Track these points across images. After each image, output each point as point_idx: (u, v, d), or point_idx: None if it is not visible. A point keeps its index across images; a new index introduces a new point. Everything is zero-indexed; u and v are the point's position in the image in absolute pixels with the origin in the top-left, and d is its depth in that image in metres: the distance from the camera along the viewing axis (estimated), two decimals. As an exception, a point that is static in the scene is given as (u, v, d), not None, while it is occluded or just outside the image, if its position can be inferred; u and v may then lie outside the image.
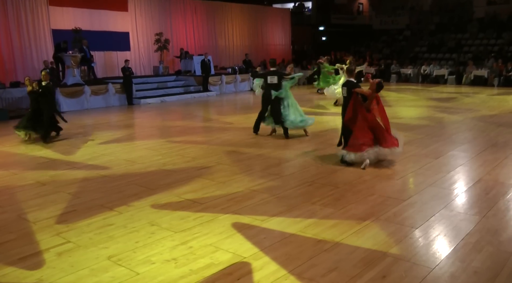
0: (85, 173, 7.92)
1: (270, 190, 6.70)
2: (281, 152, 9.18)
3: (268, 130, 10.95)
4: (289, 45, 30.99)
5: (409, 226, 5.30)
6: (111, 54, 21.01)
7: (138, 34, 21.73)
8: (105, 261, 4.55)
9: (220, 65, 24.79)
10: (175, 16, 23.34)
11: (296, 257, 4.54)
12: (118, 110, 16.69)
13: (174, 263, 4.46)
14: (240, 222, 5.52)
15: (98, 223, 5.58)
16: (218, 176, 7.55)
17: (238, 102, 19.25)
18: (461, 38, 29.08)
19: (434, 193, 6.46)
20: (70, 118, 14.52)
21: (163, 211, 5.93)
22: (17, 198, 6.62)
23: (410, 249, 4.71)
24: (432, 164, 8.04)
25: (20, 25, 17.58)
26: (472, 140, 10.14)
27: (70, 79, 16.89)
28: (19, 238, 5.18)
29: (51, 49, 18.26)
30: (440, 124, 12.27)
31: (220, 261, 4.48)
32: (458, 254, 4.58)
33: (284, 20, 30.39)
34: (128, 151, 9.67)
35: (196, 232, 5.21)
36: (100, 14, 20.14)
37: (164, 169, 8.08)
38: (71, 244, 4.97)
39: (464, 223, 5.37)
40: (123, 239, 5.07)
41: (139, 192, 6.77)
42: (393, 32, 32.90)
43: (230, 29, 26.47)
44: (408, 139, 10.18)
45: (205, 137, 11.09)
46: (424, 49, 29.66)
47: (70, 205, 6.24)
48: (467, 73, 24.12)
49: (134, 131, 12.63)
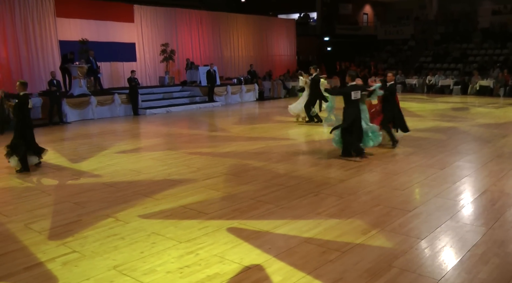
0: (90, 183, 7.95)
1: (275, 201, 6.70)
2: (286, 162, 9.18)
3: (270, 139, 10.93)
4: (294, 55, 31.08)
5: (415, 237, 5.28)
6: (117, 65, 21.14)
7: (144, 45, 21.88)
8: (110, 271, 4.55)
9: (225, 75, 24.88)
10: (181, 27, 23.49)
11: (301, 267, 4.53)
12: (124, 121, 16.75)
13: (180, 273, 4.46)
14: (246, 232, 5.51)
15: (103, 233, 5.59)
16: (224, 186, 7.56)
17: (243, 113, 19.30)
18: (466, 48, 29.09)
19: (440, 204, 6.44)
20: (75, 128, 14.63)
21: (168, 221, 5.94)
22: (23, 207, 6.65)
23: (416, 260, 4.69)
24: (437, 175, 8.02)
25: (27, 36, 17.75)
26: (478, 151, 10.11)
27: (76, 90, 16.99)
28: (25, 248, 5.19)
29: (58, 60, 18.41)
30: (446, 134, 12.25)
31: (225, 271, 4.48)
32: (464, 266, 4.56)
33: (289, 30, 30.52)
34: (133, 161, 9.70)
35: (202, 242, 5.21)
36: (106, 25, 20.30)
37: (170, 179, 8.10)
38: (76, 254, 4.98)
39: (470, 234, 5.35)
40: (128, 249, 5.07)
41: (145, 202, 6.78)
42: (398, 42, 32.95)
43: (235, 40, 26.59)
44: (414, 149, 10.18)
45: (210, 147, 11.11)
46: (429, 59, 29.67)
47: (75, 215, 6.26)
48: (473, 83, 24.11)
49: (139, 141, 12.67)
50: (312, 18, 36.79)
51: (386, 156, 9.50)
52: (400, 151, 9.97)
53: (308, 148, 10.52)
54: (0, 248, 5.19)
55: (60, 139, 12.88)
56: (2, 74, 17.15)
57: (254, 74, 24.59)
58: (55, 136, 13.25)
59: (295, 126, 14.22)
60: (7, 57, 17.23)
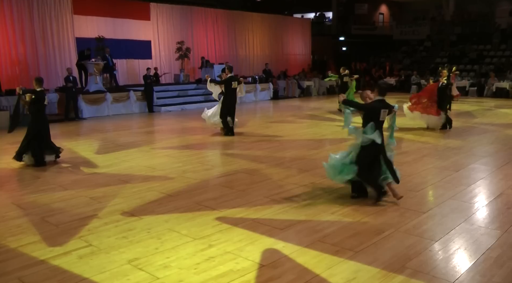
0: (106, 178, 8.03)
1: (289, 200, 6.71)
2: (301, 162, 9.19)
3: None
4: (309, 55, 31.03)
5: (429, 238, 5.27)
6: (133, 62, 21.29)
7: (159, 43, 22.00)
8: (125, 265, 4.61)
9: (240, 74, 24.88)
10: (197, 25, 23.58)
11: (314, 266, 4.55)
12: (139, 117, 16.89)
13: (194, 269, 4.51)
14: (259, 230, 5.54)
15: (118, 227, 5.66)
16: (238, 184, 7.59)
17: (258, 111, 19.34)
18: (483, 49, 28.83)
19: (454, 206, 6.42)
20: (91, 124, 14.77)
21: (182, 218, 5.99)
22: (40, 201, 6.74)
23: (430, 262, 4.69)
24: (452, 177, 7.98)
25: (45, 33, 17.96)
26: (493, 153, 10.03)
27: (92, 86, 17.16)
28: (42, 240, 5.28)
29: (74, 57, 18.61)
30: (461, 136, 12.17)
31: (239, 269, 4.52)
32: (479, 269, 4.54)
33: (304, 30, 30.47)
34: (148, 157, 9.78)
35: (215, 239, 5.25)
36: (122, 23, 20.45)
37: (184, 176, 8.15)
38: (92, 248, 5.05)
39: (485, 238, 5.33)
40: (143, 244, 5.13)
41: (159, 198, 6.84)
42: (414, 43, 32.75)
43: (250, 39, 26.62)
44: (429, 151, 10.14)
45: (225, 145, 11.15)
46: (445, 60, 29.43)
47: (91, 210, 6.34)
48: (489, 85, 23.91)
49: (154, 138, 12.77)
50: (327, 17, 36.71)
51: (401, 157, 9.47)
52: (414, 152, 9.93)
53: (323, 148, 10.51)
54: (18, 240, 5.28)
55: (76, 135, 13.02)
56: (20, 70, 17.36)
57: (269, 73, 24.61)
58: (71, 132, 13.40)
59: (308, 125, 14.22)
60: (24, 53, 17.43)
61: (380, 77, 29.07)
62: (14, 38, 17.14)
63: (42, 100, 8.95)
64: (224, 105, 11.93)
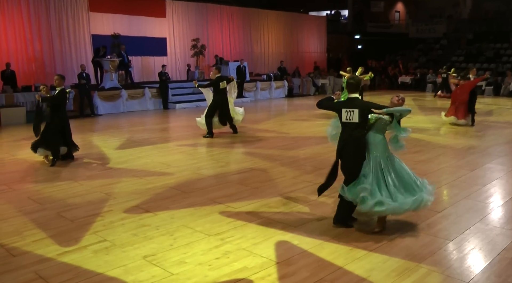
0: (121, 175, 8.10)
1: (304, 197, 6.72)
2: (315, 159, 9.18)
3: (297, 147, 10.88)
4: (325, 53, 30.94)
5: (443, 238, 5.24)
6: (148, 59, 21.40)
7: (175, 40, 22.10)
8: (140, 261, 4.65)
9: (255, 71, 24.95)
10: (212, 23, 23.64)
11: (328, 264, 4.56)
12: (154, 114, 16.98)
13: (208, 266, 4.53)
14: (274, 227, 5.55)
15: (133, 223, 5.71)
16: (252, 181, 7.61)
17: (272, 109, 19.33)
18: (500, 47, 28.48)
19: (470, 206, 6.37)
20: (106, 121, 14.90)
21: (197, 214, 6.02)
22: (56, 196, 6.82)
23: (444, 262, 4.66)
24: (467, 176, 7.92)
25: (61, 30, 18.15)
26: (509, 153, 9.93)
27: (108, 83, 17.29)
28: (58, 235, 5.34)
29: (90, 54, 18.77)
30: (476, 135, 12.06)
31: (253, 265, 4.53)
32: (494, 269, 4.51)
33: (320, 28, 30.38)
34: (163, 154, 9.84)
35: (230, 236, 5.27)
36: (138, 20, 20.57)
37: (199, 173, 8.19)
38: (107, 243, 5.10)
39: (501, 238, 5.28)
40: (158, 240, 5.17)
41: (174, 195, 6.88)
42: (430, 41, 32.47)
43: (266, 36, 26.62)
44: (444, 150, 10.07)
45: (239, 142, 11.18)
46: (461, 58, 29.16)
47: (106, 205, 6.40)
48: (506, 84, 23.64)
49: (169, 135, 12.83)
50: (343, 15, 36.54)
51: (416, 156, 9.41)
52: (429, 152, 9.86)
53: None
54: (34, 234, 5.36)
55: (91, 131, 13.14)
56: (36, 66, 17.57)
57: (284, 71, 24.59)
58: (86, 128, 13.52)
59: (323, 124, 14.18)
60: (41, 50, 17.63)
61: (396, 76, 28.90)
62: (31, 35, 17.33)
63: (65, 99, 9.02)
64: (213, 106, 11.63)
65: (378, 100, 20.91)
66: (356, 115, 5.28)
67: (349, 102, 5.43)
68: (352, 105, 5.35)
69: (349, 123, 5.36)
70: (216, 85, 11.61)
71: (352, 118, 5.32)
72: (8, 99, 15.08)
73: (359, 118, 5.29)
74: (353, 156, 5.43)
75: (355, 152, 5.41)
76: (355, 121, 5.31)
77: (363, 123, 5.37)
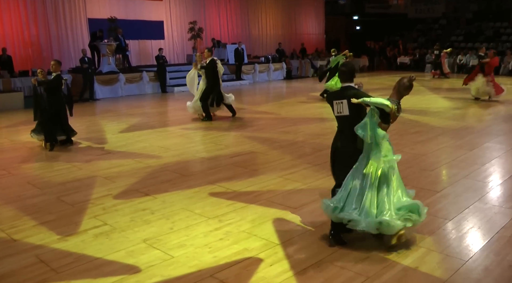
0: (120, 158, 8.10)
1: (303, 179, 6.72)
2: (314, 141, 9.17)
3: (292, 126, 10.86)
4: (323, 34, 30.76)
5: (443, 217, 5.26)
6: (146, 43, 21.29)
7: (172, 23, 21.96)
8: (140, 244, 4.67)
9: (253, 54, 24.83)
10: (209, 5, 23.46)
11: (327, 246, 4.57)
12: (152, 98, 16.93)
13: (208, 248, 4.55)
14: (273, 209, 5.57)
15: (133, 207, 5.72)
16: (251, 163, 7.61)
17: (271, 91, 19.27)
18: (500, 26, 28.29)
19: (468, 185, 6.38)
20: (104, 105, 14.86)
21: (196, 197, 6.03)
22: (55, 181, 6.83)
23: (443, 241, 4.68)
24: (466, 156, 7.92)
25: (57, 14, 18.01)
26: (508, 132, 9.92)
27: (105, 67, 17.21)
28: (58, 219, 5.36)
29: (87, 38, 18.65)
30: (475, 115, 12.04)
31: (253, 247, 4.55)
32: (493, 247, 4.53)
33: (317, 9, 30.17)
34: (162, 138, 9.83)
35: (229, 219, 5.29)
36: (135, 3, 20.41)
37: (198, 156, 8.20)
38: (107, 227, 5.12)
39: (499, 216, 5.30)
40: (157, 224, 5.18)
41: (173, 178, 6.89)
42: (429, 21, 32.23)
43: (263, 18, 26.45)
44: (443, 130, 10.05)
45: (238, 125, 11.16)
46: (461, 38, 28.97)
47: (106, 189, 6.41)
48: (505, 63, 23.51)
49: (167, 118, 12.81)
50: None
51: (415, 136, 9.40)
52: (428, 132, 9.85)
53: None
54: (35, 219, 5.37)
55: (90, 115, 13.11)
56: (32, 51, 17.47)
57: (282, 53, 24.46)
58: (85, 113, 13.47)
59: (322, 106, 14.14)
60: (37, 34, 17.52)
61: (395, 56, 28.76)
62: (27, 20, 17.21)
63: (60, 84, 8.99)
64: (208, 89, 11.43)
65: (377, 81, 20.88)
66: (346, 107, 4.58)
67: (340, 92, 4.71)
68: (342, 95, 4.63)
69: (341, 117, 4.72)
70: (214, 67, 11.53)
71: (342, 110, 4.64)
72: (6, 84, 15.02)
73: (350, 110, 4.57)
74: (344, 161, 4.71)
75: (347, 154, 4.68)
76: (346, 114, 4.63)
77: (356, 117, 4.54)
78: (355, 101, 4.42)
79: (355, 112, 4.54)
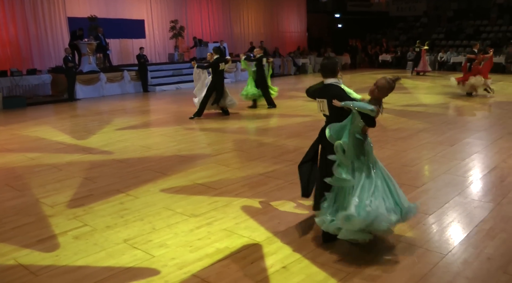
0: (101, 158, 8.03)
1: (285, 176, 6.73)
2: (296, 139, 9.19)
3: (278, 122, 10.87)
4: (305, 32, 30.82)
5: (423, 212, 5.29)
6: (127, 42, 21.12)
7: (153, 22, 21.82)
8: (121, 244, 4.63)
9: (235, 52, 24.77)
10: (190, 3, 23.36)
11: (309, 242, 4.58)
12: (134, 97, 16.82)
13: (190, 247, 4.53)
14: (255, 207, 5.57)
15: (114, 207, 5.67)
16: (233, 162, 7.60)
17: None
18: (480, 24, 28.63)
19: (449, 180, 6.44)
20: (85, 105, 14.73)
21: (178, 196, 6.00)
22: (35, 182, 6.75)
23: (423, 235, 4.72)
24: (447, 151, 8.00)
25: (36, 13, 17.77)
26: (488, 128, 10.04)
27: (85, 66, 17.04)
28: (37, 221, 5.29)
29: (67, 37, 18.44)
30: (456, 111, 12.17)
31: (234, 245, 4.54)
32: (471, 241, 4.58)
33: (299, 7, 30.22)
34: (143, 137, 9.77)
35: (211, 217, 5.27)
36: (115, 1, 20.26)
37: (179, 155, 8.16)
38: (87, 228, 5.06)
39: (478, 210, 5.36)
40: (139, 223, 5.14)
41: (155, 177, 6.84)
42: (410, 19, 32.51)
43: (245, 17, 26.41)
44: (424, 126, 10.14)
45: (219, 124, 11.13)
46: (442, 36, 29.26)
47: (86, 190, 6.34)
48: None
49: (149, 117, 12.73)
50: (323, -6, 36.33)
51: (396, 133, 9.47)
52: (409, 128, 9.93)
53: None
54: (13, 221, 5.29)
55: (70, 116, 12.98)
56: (11, 51, 17.22)
57: (265, 51, 24.44)
58: (65, 113, 13.35)
59: (305, 103, 14.17)
60: (16, 34, 17.28)
61: (377, 54, 28.94)
62: (5, 19, 16.97)
63: None
64: (212, 87, 11.61)
65: (359, 79, 20.99)
66: (326, 106, 4.44)
67: (322, 89, 4.52)
68: (323, 94, 4.46)
69: (324, 115, 4.59)
70: (216, 67, 11.58)
71: (323, 109, 4.50)
72: (-16, 85, 14.79)
73: (330, 110, 4.42)
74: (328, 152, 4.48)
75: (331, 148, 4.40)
76: (326, 114, 4.50)
77: (336, 117, 4.37)
78: (337, 104, 4.28)
79: (336, 113, 4.39)
